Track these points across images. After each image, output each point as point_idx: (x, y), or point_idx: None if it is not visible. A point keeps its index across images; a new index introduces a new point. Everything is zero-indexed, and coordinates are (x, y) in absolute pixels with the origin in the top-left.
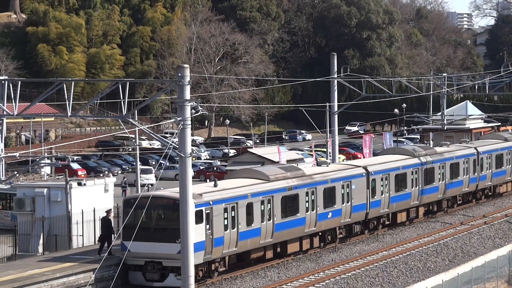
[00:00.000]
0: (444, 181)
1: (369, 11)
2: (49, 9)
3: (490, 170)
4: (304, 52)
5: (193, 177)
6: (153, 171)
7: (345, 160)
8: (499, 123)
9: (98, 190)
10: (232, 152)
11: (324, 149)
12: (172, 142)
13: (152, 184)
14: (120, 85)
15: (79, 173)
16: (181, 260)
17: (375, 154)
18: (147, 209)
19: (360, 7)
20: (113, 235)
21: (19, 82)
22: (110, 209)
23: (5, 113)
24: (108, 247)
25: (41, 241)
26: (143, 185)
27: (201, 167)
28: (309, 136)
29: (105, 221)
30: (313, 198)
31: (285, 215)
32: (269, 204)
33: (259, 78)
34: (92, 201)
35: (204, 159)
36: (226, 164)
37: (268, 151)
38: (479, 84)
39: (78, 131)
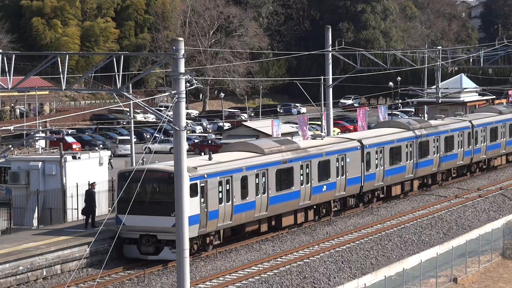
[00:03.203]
0: (438, 154)
1: None
2: None
3: (485, 143)
4: (298, 25)
5: (188, 151)
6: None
7: (339, 133)
8: (494, 96)
9: (92, 163)
10: (226, 125)
11: (319, 122)
12: (167, 115)
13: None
14: (114, 59)
15: (74, 146)
16: (176, 233)
17: (369, 128)
18: (142, 183)
19: None
20: (95, 208)
21: (14, 55)
22: (94, 182)
23: None
24: (92, 220)
25: (35, 215)
26: (122, 156)
27: (196, 141)
28: (303, 109)
29: (89, 194)
30: (307, 171)
31: (279, 188)
32: (263, 177)
33: (253, 51)
34: (87, 174)
35: (199, 133)
36: (221, 137)
37: (262, 124)
38: (473, 57)
39: (73, 104)
